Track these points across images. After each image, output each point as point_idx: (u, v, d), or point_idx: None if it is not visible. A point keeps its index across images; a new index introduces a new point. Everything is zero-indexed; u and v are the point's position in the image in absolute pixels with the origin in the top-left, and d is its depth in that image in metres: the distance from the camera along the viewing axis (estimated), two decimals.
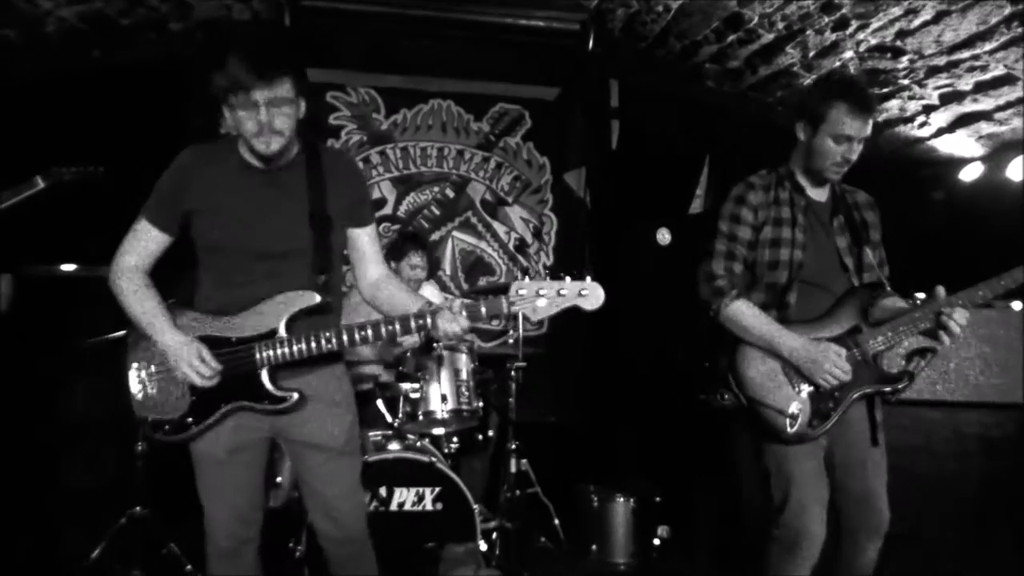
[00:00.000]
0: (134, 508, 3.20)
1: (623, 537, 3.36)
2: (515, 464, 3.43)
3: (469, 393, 3.26)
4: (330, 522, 2.10)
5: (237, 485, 2.04)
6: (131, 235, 2.02)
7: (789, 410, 2.16)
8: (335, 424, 2.08)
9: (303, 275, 2.01)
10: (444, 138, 4.34)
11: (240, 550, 2.06)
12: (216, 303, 2.00)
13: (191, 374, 1.91)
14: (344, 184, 2.07)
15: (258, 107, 1.83)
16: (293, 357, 1.95)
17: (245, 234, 1.97)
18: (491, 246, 4.37)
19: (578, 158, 4.40)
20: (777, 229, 2.26)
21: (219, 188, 1.97)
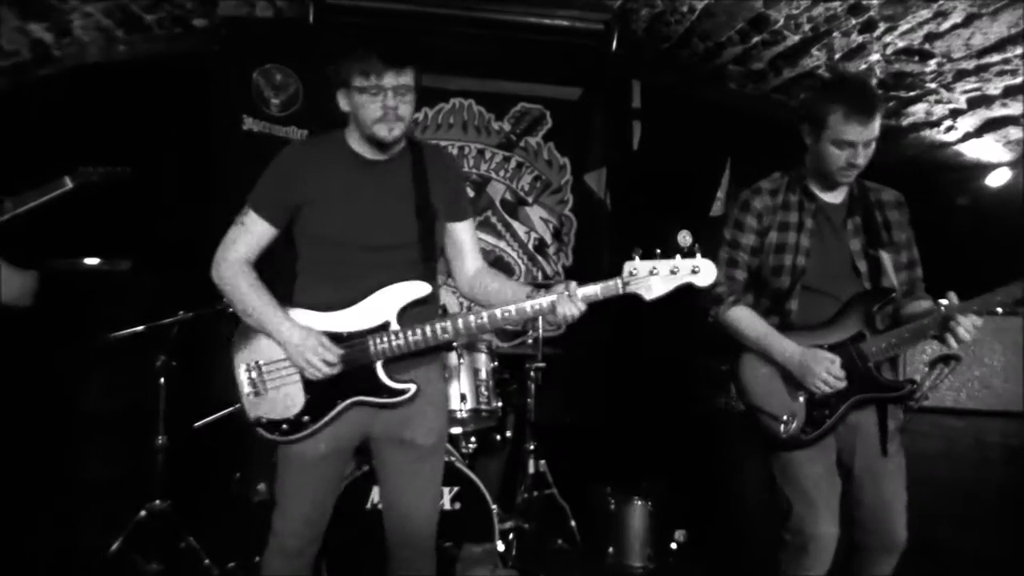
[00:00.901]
0: (153, 501, 3.22)
1: (640, 540, 3.35)
2: (533, 465, 3.42)
3: (488, 393, 3.26)
4: (401, 521, 2.09)
5: (323, 485, 2.06)
6: (238, 228, 2.01)
7: (782, 416, 2.16)
8: (428, 423, 2.08)
9: (412, 267, 2.02)
10: (465, 137, 4.34)
11: (304, 551, 2.07)
12: (324, 297, 1.99)
13: (316, 364, 1.91)
14: (445, 179, 2.10)
15: (385, 93, 1.88)
16: (409, 348, 1.96)
17: (357, 227, 1.98)
18: (510, 246, 4.36)
19: (599, 159, 4.38)
20: (783, 234, 2.25)
21: (331, 181, 1.98)
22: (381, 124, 1.92)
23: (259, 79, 4.19)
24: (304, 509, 2.04)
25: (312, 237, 2.02)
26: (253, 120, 4.16)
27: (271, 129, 4.18)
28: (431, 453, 2.11)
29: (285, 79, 4.21)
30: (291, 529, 2.04)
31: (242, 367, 2.01)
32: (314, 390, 1.97)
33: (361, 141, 2.02)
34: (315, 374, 1.93)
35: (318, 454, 2.01)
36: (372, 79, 1.88)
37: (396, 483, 2.09)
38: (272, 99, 4.19)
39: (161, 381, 3.29)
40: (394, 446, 2.07)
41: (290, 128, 4.20)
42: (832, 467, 2.22)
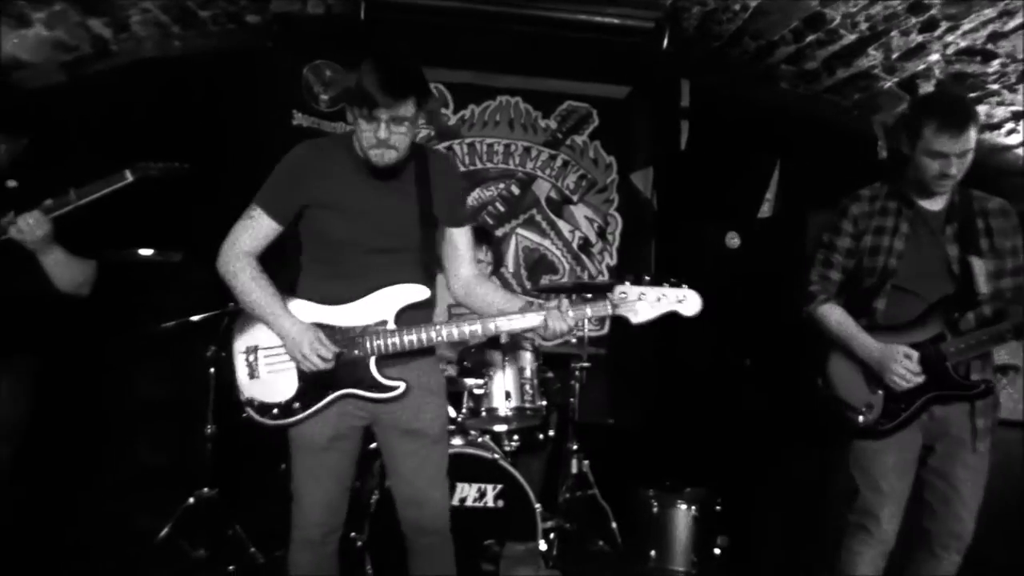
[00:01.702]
0: (201, 489, 3.28)
1: (683, 545, 3.30)
2: (575, 465, 3.40)
3: (533, 391, 3.25)
4: (417, 510, 2.14)
5: (333, 472, 2.10)
6: (245, 222, 2.08)
7: (861, 407, 2.34)
8: (432, 412, 2.14)
9: (412, 270, 2.09)
10: (511, 135, 4.33)
11: (327, 539, 2.12)
12: (326, 293, 2.06)
13: (311, 357, 1.97)
14: (447, 186, 2.15)
15: (379, 123, 1.91)
16: (403, 348, 2.03)
17: (361, 229, 2.03)
18: (555, 244, 4.34)
19: (646, 158, 4.34)
20: (877, 238, 2.38)
21: (338, 184, 2.03)
22: (374, 151, 1.97)
23: (309, 75, 4.24)
24: (318, 496, 2.09)
25: (317, 236, 2.09)
26: (302, 115, 4.21)
27: (320, 124, 4.22)
28: (437, 440, 2.17)
29: (334, 75, 4.25)
30: (309, 519, 2.10)
31: (240, 350, 2.11)
32: (307, 379, 2.05)
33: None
34: (309, 367, 2.00)
35: (324, 440, 2.07)
36: (365, 110, 1.91)
37: (407, 472, 2.14)
38: (321, 95, 4.24)
39: (211, 371, 3.36)
40: (401, 436, 2.12)
41: (338, 124, 4.24)
42: (906, 463, 2.36)
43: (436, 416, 2.16)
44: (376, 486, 2.94)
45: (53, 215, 2.23)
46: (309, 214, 2.06)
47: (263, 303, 2.02)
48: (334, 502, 2.11)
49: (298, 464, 2.11)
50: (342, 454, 2.11)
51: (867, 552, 2.34)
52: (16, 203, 2.26)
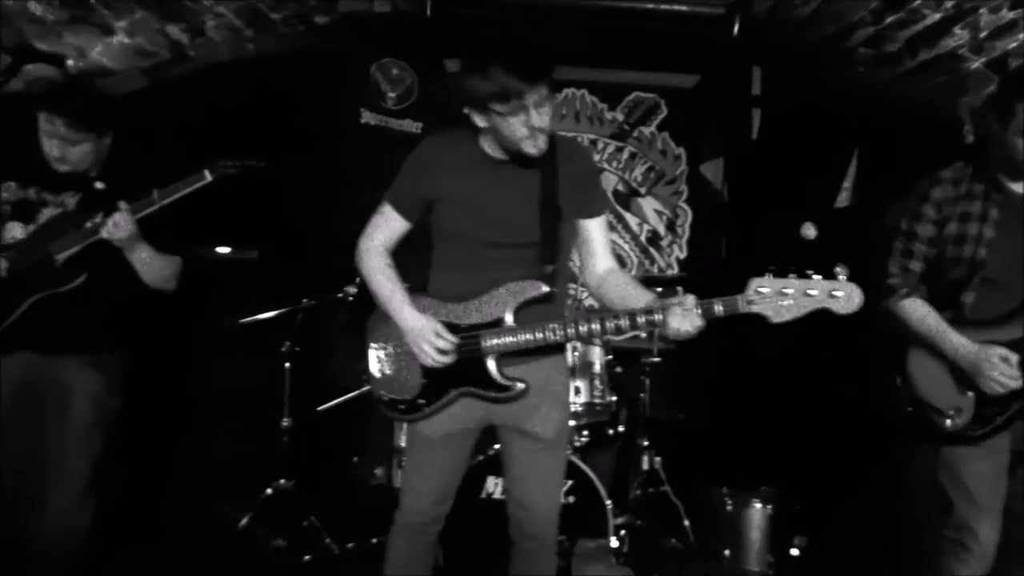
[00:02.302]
0: (278, 480, 3.37)
1: (759, 544, 3.22)
2: (646, 461, 3.36)
3: (603, 387, 3.22)
4: (522, 512, 2.12)
5: (442, 468, 2.12)
6: (377, 217, 2.13)
7: (948, 411, 2.16)
8: (550, 415, 2.09)
9: (532, 265, 2.02)
10: (577, 128, 4.29)
11: (428, 528, 2.15)
12: (449, 288, 2.07)
13: (429, 352, 1.99)
14: (577, 175, 2.07)
15: (528, 111, 1.85)
16: (519, 347, 1.99)
17: (481, 223, 2.01)
18: (622, 238, 4.29)
19: (716, 148, 4.25)
20: (963, 225, 2.18)
21: (461, 178, 2.02)
22: (528, 142, 1.91)
23: (376, 73, 4.29)
24: (429, 485, 2.11)
25: (441, 231, 2.09)
26: (370, 114, 4.27)
27: (387, 122, 4.28)
28: (552, 446, 2.12)
29: (401, 73, 4.29)
30: (417, 506, 2.12)
31: (374, 346, 2.13)
32: (431, 376, 2.05)
33: (493, 144, 2.01)
34: (427, 361, 2.01)
35: (441, 435, 2.08)
36: (514, 102, 1.84)
37: (517, 473, 2.12)
38: (388, 92, 4.28)
39: (286, 365, 3.44)
40: (516, 436, 2.10)
41: (405, 121, 4.28)
42: (1000, 469, 2.20)
43: (552, 420, 2.09)
44: None
45: (139, 215, 2.31)
46: (437, 209, 2.07)
47: (389, 297, 2.06)
48: (439, 495, 2.13)
49: (411, 453, 2.16)
50: (453, 451, 2.12)
51: (968, 571, 2.17)
52: (104, 204, 2.35)
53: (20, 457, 2.38)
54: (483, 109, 1.89)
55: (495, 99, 1.84)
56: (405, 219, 2.10)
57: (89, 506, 2.43)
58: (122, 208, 2.28)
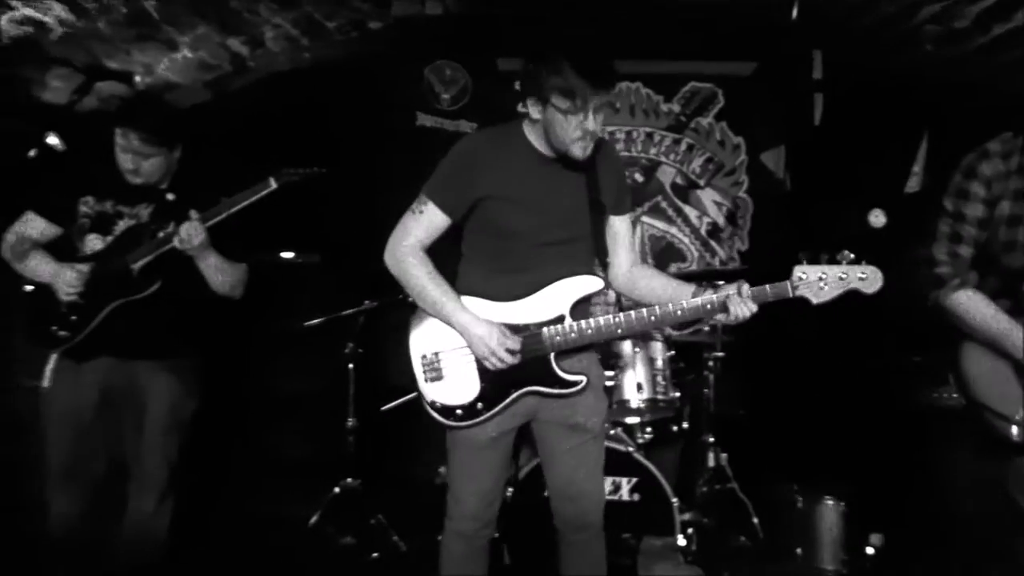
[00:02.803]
0: (346, 479, 3.43)
1: (832, 542, 3.13)
2: (712, 458, 3.30)
3: (665, 383, 3.18)
4: (572, 505, 2.12)
5: (491, 469, 2.11)
6: (415, 216, 2.05)
7: (1015, 415, 1.95)
8: (593, 407, 2.12)
9: (585, 260, 2.07)
10: (632, 121, 4.25)
11: (480, 532, 2.14)
12: (498, 288, 2.04)
13: (501, 354, 1.96)
14: (613, 174, 2.12)
15: (587, 114, 1.88)
16: (583, 341, 2.01)
17: (534, 222, 2.01)
18: (681, 231, 4.22)
19: (777, 136, 4.15)
20: (1017, 204, 1.96)
21: (511, 175, 2.00)
22: (579, 144, 1.93)
23: (430, 75, 4.33)
24: (476, 490, 2.10)
25: (488, 229, 2.05)
26: (425, 116, 4.31)
27: (442, 124, 4.31)
28: (596, 437, 2.15)
29: (454, 74, 4.32)
30: (466, 511, 2.11)
31: (418, 353, 2.06)
32: (489, 378, 2.02)
33: (542, 140, 2.01)
34: (497, 364, 1.97)
35: (488, 438, 2.06)
36: (577, 102, 1.86)
37: (565, 467, 2.12)
38: (443, 94, 4.32)
39: (350, 367, 3.50)
40: (562, 430, 2.10)
41: (460, 122, 4.31)
42: None
43: (596, 411, 2.12)
44: (511, 479, 2.96)
45: (208, 223, 2.38)
46: (485, 207, 2.02)
47: (442, 300, 2.00)
48: (488, 497, 2.12)
49: (456, 460, 2.11)
50: (500, 451, 2.11)
51: None
52: (175, 214, 2.44)
53: (102, 459, 2.49)
54: (545, 103, 1.90)
55: (561, 95, 1.86)
56: (448, 216, 2.03)
57: (168, 506, 2.52)
58: (192, 217, 2.36)
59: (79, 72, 3.67)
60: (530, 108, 1.96)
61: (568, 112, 1.87)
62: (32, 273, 2.46)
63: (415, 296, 2.05)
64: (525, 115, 2.04)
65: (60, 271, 2.40)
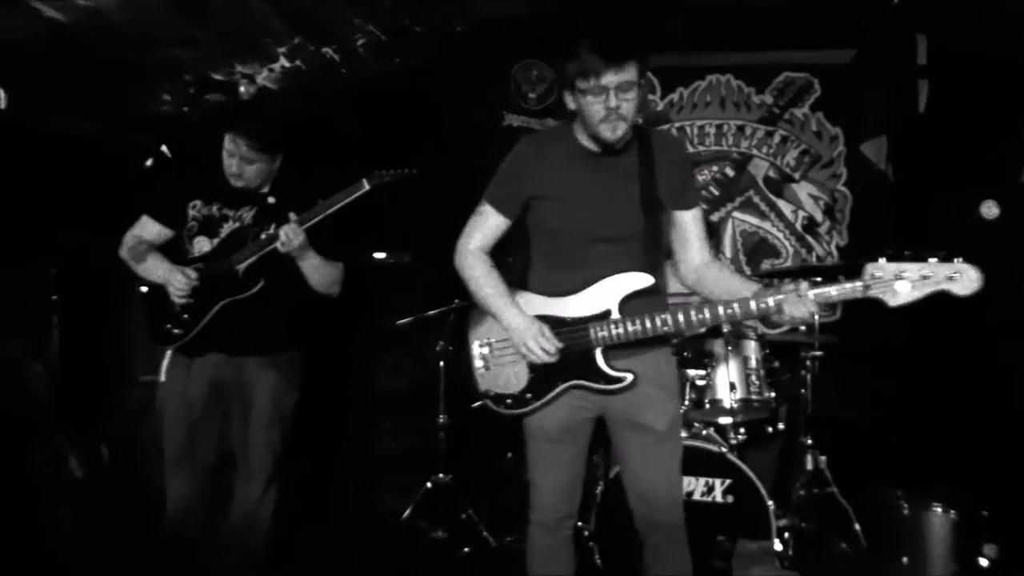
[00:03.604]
0: (437, 475, 3.50)
1: (942, 552, 2.96)
2: (811, 461, 3.19)
3: (759, 382, 3.10)
4: (645, 505, 2.12)
5: (564, 461, 2.14)
6: (475, 218, 2.17)
7: None
8: (660, 408, 2.10)
9: (636, 258, 2.06)
10: (723, 114, 4.15)
11: (561, 524, 2.17)
12: (552, 284, 2.10)
13: (536, 350, 2.01)
14: (673, 167, 2.10)
15: (607, 92, 1.90)
16: (628, 338, 2.01)
17: (585, 219, 2.04)
18: (775, 226, 4.09)
19: (878, 126, 3.96)
20: None
21: (560, 174, 2.06)
22: (604, 124, 1.94)
23: (517, 75, 4.36)
24: (550, 483, 2.14)
25: (541, 228, 2.11)
26: (513, 115, 4.34)
27: (529, 123, 4.33)
28: (666, 437, 2.12)
29: (541, 73, 4.33)
30: (546, 502, 2.15)
31: (476, 343, 2.17)
32: (538, 370, 2.07)
33: (586, 135, 2.04)
34: (534, 359, 2.03)
35: (556, 429, 2.10)
36: (592, 80, 1.89)
37: (636, 466, 2.12)
38: (529, 93, 4.34)
39: (440, 364, 3.57)
40: (630, 429, 2.10)
41: (546, 120, 4.32)
42: None
43: (663, 412, 2.11)
44: (601, 476, 2.95)
45: (306, 225, 2.48)
46: (536, 207, 2.09)
47: (493, 297, 2.09)
48: (566, 489, 2.15)
49: (532, 451, 2.17)
50: (572, 445, 2.14)
51: None
52: (276, 216, 2.55)
53: (212, 448, 2.63)
54: (572, 89, 1.95)
55: (581, 77, 1.90)
56: (504, 217, 2.12)
57: (271, 495, 2.64)
58: (292, 219, 2.46)
59: (188, 85, 3.89)
60: (566, 100, 2.01)
61: (590, 92, 1.90)
62: (147, 274, 2.62)
63: (472, 293, 2.14)
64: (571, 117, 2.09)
65: (172, 272, 2.54)
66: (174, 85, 3.97)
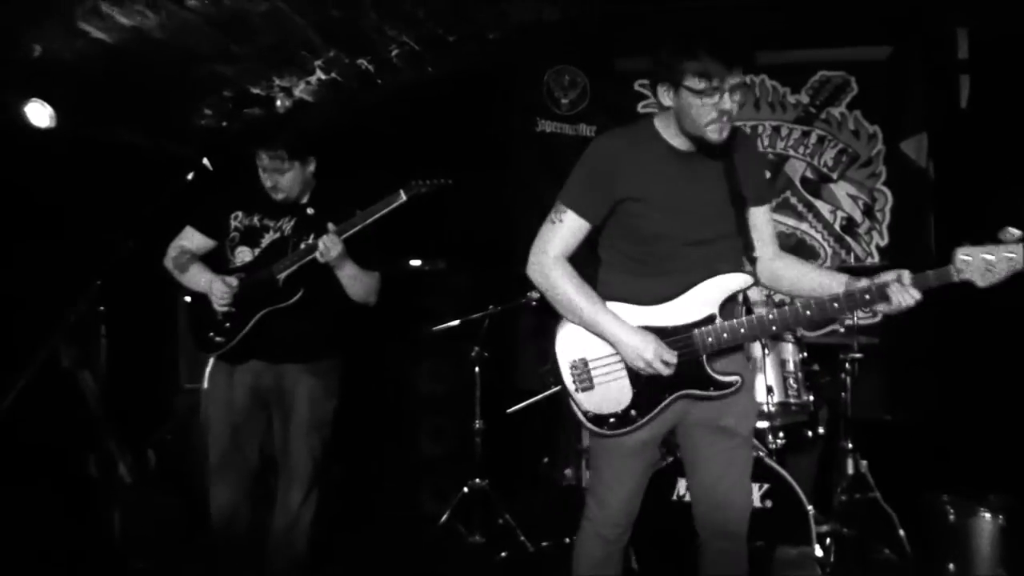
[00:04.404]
0: (474, 479, 3.53)
1: (989, 559, 2.89)
2: (852, 465, 3.14)
3: (798, 385, 3.06)
4: (718, 512, 2.06)
5: (638, 476, 2.09)
6: (553, 225, 2.02)
7: None
8: (748, 410, 2.09)
9: (733, 257, 2.01)
10: (758, 115, 4.11)
11: (621, 537, 2.13)
12: (644, 291, 2.00)
13: (658, 366, 1.92)
14: (752, 164, 2.07)
15: (723, 96, 1.85)
16: (736, 340, 1.96)
17: (679, 221, 1.97)
18: (813, 227, 4.03)
19: (918, 123, 3.87)
20: None
21: (649, 175, 1.97)
22: (714, 126, 1.87)
23: (550, 81, 4.38)
24: (623, 497, 2.07)
25: (630, 233, 2.01)
26: (545, 121, 4.36)
27: (562, 128, 4.34)
28: (746, 441, 2.09)
29: (573, 78, 4.35)
30: (609, 517, 2.08)
31: (567, 364, 2.03)
32: (641, 384, 1.98)
33: (677, 134, 1.97)
34: (650, 372, 1.94)
35: (638, 444, 2.03)
36: (714, 82, 1.82)
37: (713, 471, 2.04)
38: (562, 99, 4.36)
39: (476, 370, 3.60)
40: (712, 433, 2.03)
41: (579, 125, 4.33)
42: None
43: (747, 413, 2.07)
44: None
45: (344, 235, 2.52)
46: (626, 210, 1.98)
47: (590, 310, 1.97)
48: (633, 502, 2.10)
49: (605, 465, 2.09)
50: (647, 456, 2.10)
51: None
52: (314, 227, 2.60)
53: (255, 453, 2.70)
54: (678, 88, 1.87)
55: (695, 77, 1.83)
56: (589, 222, 2.00)
57: (313, 499, 2.69)
58: (331, 230, 2.51)
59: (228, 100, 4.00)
60: (661, 96, 1.92)
61: (703, 94, 1.83)
62: (191, 283, 2.70)
63: (562, 307, 2.01)
64: (647, 115, 2.03)
65: (214, 281, 2.61)
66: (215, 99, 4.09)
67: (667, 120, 1.98)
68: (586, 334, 2.01)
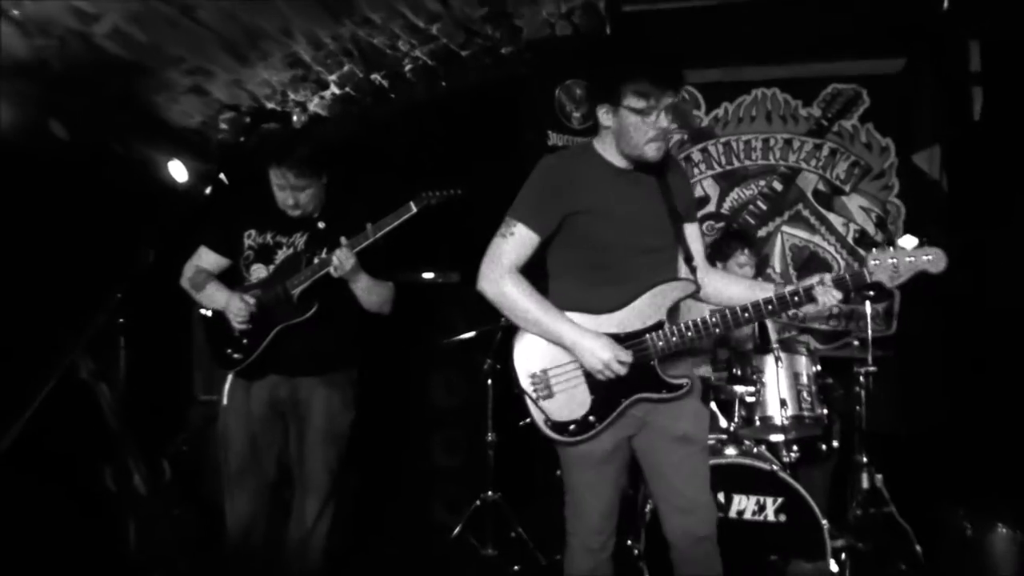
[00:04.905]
0: (486, 492, 3.53)
1: (1007, 573, 2.87)
2: (867, 479, 3.12)
3: (811, 398, 3.05)
4: (687, 517, 2.10)
5: (612, 483, 2.14)
6: (505, 240, 2.08)
7: None
8: (700, 413, 2.16)
9: (675, 267, 2.15)
10: (770, 128, 4.11)
11: (606, 545, 2.16)
12: (595, 300, 2.07)
13: (615, 367, 1.99)
14: (682, 183, 2.22)
15: (659, 114, 1.97)
16: (684, 344, 2.05)
17: (628, 231, 2.07)
18: (826, 240, 4.03)
19: (930, 135, 3.86)
20: None
21: (596, 189, 2.07)
22: (652, 144, 2.00)
23: (561, 95, 4.41)
24: (599, 506, 2.12)
25: (581, 244, 2.08)
26: (557, 135, 4.38)
27: (573, 142, 4.36)
28: (704, 447, 2.17)
29: (584, 92, 4.37)
30: (590, 527, 2.13)
31: (525, 373, 2.07)
32: (599, 390, 2.04)
33: (616, 154, 2.09)
34: (609, 375, 2.00)
35: (604, 451, 2.08)
36: (651, 101, 1.95)
37: (678, 480, 2.10)
38: (573, 113, 4.38)
39: (488, 382, 3.61)
40: (672, 443, 2.10)
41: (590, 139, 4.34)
42: None
43: (700, 416, 2.16)
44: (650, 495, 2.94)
45: (357, 249, 2.55)
46: (576, 222, 2.06)
47: (545, 319, 2.02)
48: (611, 509, 2.14)
49: (576, 477, 2.13)
50: (618, 463, 2.14)
51: None
52: (327, 241, 2.63)
53: (272, 466, 2.71)
54: (617, 108, 1.99)
55: (630, 95, 1.95)
56: (539, 235, 2.06)
57: (328, 513, 2.71)
58: (343, 244, 2.53)
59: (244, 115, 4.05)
60: (601, 117, 2.05)
61: (643, 113, 1.95)
62: (208, 301, 2.73)
63: (516, 318, 2.07)
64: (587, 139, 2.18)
65: (231, 299, 2.64)
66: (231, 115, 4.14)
67: (605, 141, 2.10)
68: (543, 343, 2.06)
